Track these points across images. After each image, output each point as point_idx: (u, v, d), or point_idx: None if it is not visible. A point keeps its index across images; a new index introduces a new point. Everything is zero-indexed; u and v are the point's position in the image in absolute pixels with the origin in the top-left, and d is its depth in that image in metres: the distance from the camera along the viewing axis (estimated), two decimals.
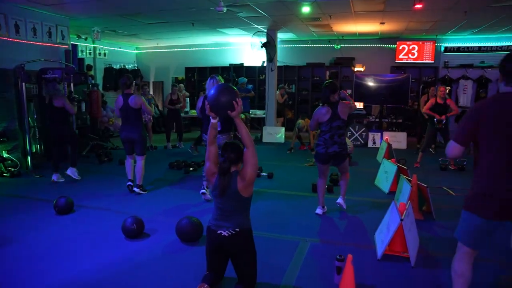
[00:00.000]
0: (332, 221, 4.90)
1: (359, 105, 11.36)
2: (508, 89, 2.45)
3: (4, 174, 7.02)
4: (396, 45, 12.02)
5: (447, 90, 11.44)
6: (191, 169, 7.42)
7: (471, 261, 2.64)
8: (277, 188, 6.39)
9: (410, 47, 11.94)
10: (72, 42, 9.65)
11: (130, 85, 5.78)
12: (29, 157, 7.27)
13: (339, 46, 12.61)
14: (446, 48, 11.77)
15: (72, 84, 8.00)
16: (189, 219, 4.15)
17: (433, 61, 11.88)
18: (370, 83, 11.40)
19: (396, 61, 12.12)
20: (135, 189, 5.95)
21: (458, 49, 11.69)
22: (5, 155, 7.33)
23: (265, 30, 10.85)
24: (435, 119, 7.70)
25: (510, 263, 3.71)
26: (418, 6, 7.32)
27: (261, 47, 10.84)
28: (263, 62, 12.59)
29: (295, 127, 9.56)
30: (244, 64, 13.70)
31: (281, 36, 12.08)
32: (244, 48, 13.45)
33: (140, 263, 3.67)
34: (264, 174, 7.06)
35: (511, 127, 2.38)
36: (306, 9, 8.06)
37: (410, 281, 3.43)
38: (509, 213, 2.43)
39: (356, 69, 12.30)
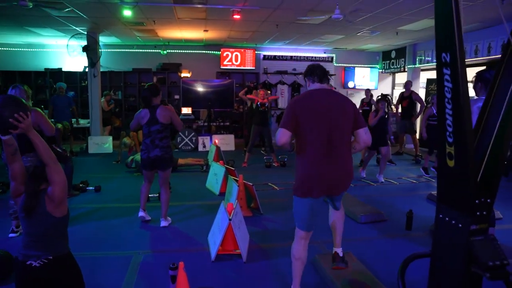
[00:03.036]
0: (165, 230, 4.81)
1: (188, 110, 11.53)
2: (315, 86, 2.97)
3: None
4: (220, 52, 12.61)
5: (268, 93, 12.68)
6: None
7: (306, 245, 3.03)
8: (106, 201, 5.98)
9: (234, 54, 12.67)
10: None
11: None
12: None
13: (165, 52, 12.57)
14: (264, 56, 12.92)
15: None
16: None
17: (254, 68, 12.88)
18: (197, 88, 11.76)
19: (221, 67, 12.73)
20: None
21: (275, 58, 12.99)
22: None
23: (85, 33, 10.05)
24: (258, 103, 8.53)
25: (325, 242, 4.25)
26: (237, 16, 7.82)
27: (82, 51, 10.03)
28: (85, 67, 11.65)
29: (121, 145, 9.08)
30: (63, 69, 12.42)
31: (104, 39, 11.39)
32: (62, 51, 12.15)
33: None
34: (90, 188, 6.53)
35: (322, 117, 2.80)
36: (127, 13, 7.75)
37: (243, 276, 3.62)
38: (332, 190, 2.93)
39: (183, 74, 12.43)
